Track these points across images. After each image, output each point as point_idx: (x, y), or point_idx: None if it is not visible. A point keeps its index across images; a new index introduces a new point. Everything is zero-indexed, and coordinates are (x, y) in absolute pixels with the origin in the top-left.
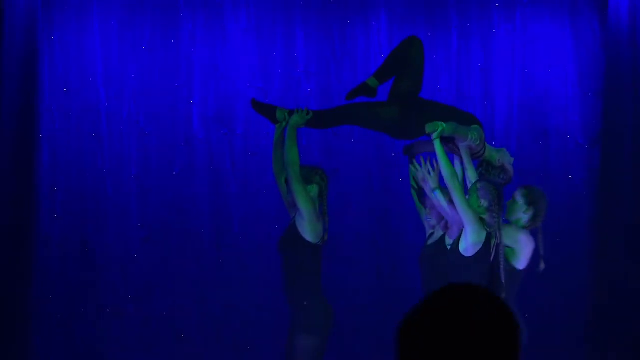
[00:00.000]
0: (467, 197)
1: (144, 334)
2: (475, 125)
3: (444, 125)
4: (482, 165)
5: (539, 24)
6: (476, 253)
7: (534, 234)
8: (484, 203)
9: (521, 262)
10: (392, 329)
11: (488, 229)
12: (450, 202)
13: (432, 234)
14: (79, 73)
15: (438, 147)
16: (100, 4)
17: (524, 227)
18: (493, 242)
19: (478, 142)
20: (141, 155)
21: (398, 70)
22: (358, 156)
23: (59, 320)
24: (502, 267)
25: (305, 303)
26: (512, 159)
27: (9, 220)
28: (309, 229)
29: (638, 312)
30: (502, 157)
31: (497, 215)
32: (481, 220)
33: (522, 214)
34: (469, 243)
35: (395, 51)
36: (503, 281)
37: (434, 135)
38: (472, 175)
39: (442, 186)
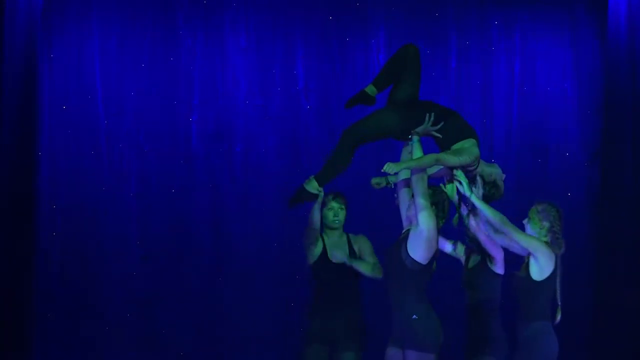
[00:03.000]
0: (525, 220)
1: (143, 352)
2: (470, 139)
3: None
4: (474, 179)
5: (538, 42)
6: (548, 276)
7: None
8: (546, 224)
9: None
10: None
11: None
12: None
13: (469, 257)
14: (78, 91)
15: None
16: (99, 22)
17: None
18: (557, 261)
19: (473, 158)
20: (141, 173)
21: (396, 77)
22: (357, 165)
23: (59, 337)
24: (558, 285)
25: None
26: (504, 175)
27: (9, 237)
28: (424, 247)
29: (636, 330)
30: (494, 173)
31: (559, 234)
32: (546, 244)
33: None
34: (542, 266)
35: (393, 59)
36: (560, 303)
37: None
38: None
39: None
